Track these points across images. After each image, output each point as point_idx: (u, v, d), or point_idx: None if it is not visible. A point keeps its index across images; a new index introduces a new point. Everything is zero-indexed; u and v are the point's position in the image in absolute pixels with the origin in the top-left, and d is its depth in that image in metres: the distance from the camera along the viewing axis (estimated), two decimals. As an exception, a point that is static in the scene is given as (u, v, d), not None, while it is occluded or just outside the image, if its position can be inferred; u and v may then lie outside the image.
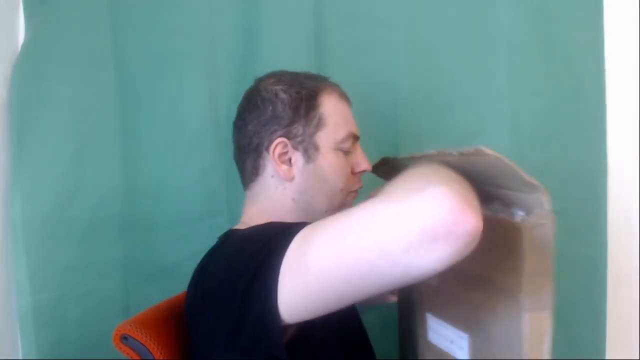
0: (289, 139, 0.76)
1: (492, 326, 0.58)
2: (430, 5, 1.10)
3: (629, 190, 1.18)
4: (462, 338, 0.64)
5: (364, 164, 0.81)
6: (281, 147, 0.76)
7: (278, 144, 0.76)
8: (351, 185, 0.80)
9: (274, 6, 1.03)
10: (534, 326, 0.53)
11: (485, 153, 0.51)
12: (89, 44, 0.94)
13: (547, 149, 1.13)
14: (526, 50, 1.12)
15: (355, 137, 0.81)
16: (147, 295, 0.94)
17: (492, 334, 0.59)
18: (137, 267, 0.98)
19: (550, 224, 0.52)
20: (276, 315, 0.55)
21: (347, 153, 0.79)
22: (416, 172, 0.52)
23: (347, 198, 0.80)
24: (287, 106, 0.76)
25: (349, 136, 0.79)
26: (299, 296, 0.55)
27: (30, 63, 0.90)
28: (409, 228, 0.47)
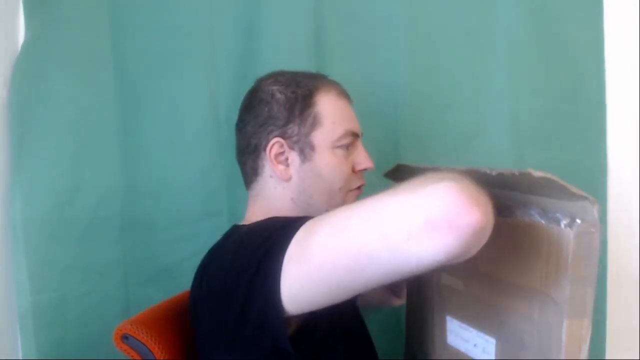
0: (284, 139, 0.76)
1: (525, 331, 0.58)
2: (430, 5, 1.10)
3: (629, 190, 1.18)
4: (488, 342, 0.63)
5: (365, 162, 0.80)
6: (277, 147, 0.76)
7: (274, 144, 0.76)
8: (351, 184, 0.79)
9: (274, 6, 1.03)
10: (573, 332, 0.53)
11: (535, 176, 0.50)
12: (89, 44, 0.94)
13: (547, 149, 1.13)
14: (526, 50, 1.12)
15: (355, 134, 0.80)
16: (147, 295, 0.94)
17: (524, 338, 0.58)
18: (137, 267, 0.98)
19: (598, 233, 0.52)
20: (280, 306, 0.56)
21: (347, 151, 0.78)
22: (430, 175, 0.52)
23: (348, 196, 0.79)
24: (283, 106, 0.76)
25: (347, 134, 0.78)
26: (301, 286, 0.55)
27: (30, 63, 0.90)
28: (411, 217, 0.47)
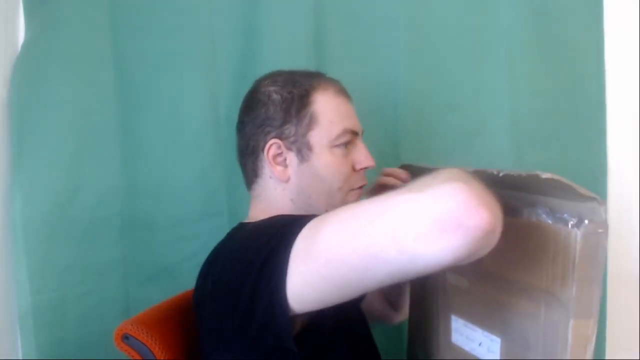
0: (282, 139, 0.76)
1: (530, 330, 0.58)
2: (430, 5, 1.10)
3: (629, 190, 1.18)
4: (493, 341, 0.63)
5: (366, 160, 0.79)
6: (275, 149, 0.76)
7: (272, 146, 0.76)
8: (352, 183, 0.78)
9: (274, 6, 1.03)
10: (579, 333, 0.53)
11: (542, 177, 0.50)
12: (89, 44, 0.94)
13: (547, 149, 1.13)
14: (526, 50, 1.12)
15: (354, 132, 0.78)
16: (147, 295, 0.94)
17: (529, 338, 0.58)
18: (137, 267, 0.98)
19: (606, 233, 0.51)
20: (285, 304, 0.55)
21: (346, 150, 0.78)
22: (438, 174, 0.52)
23: (349, 196, 0.78)
24: (279, 107, 0.76)
25: (345, 132, 0.77)
26: (308, 283, 0.55)
27: (30, 63, 0.90)
28: (419, 217, 0.47)
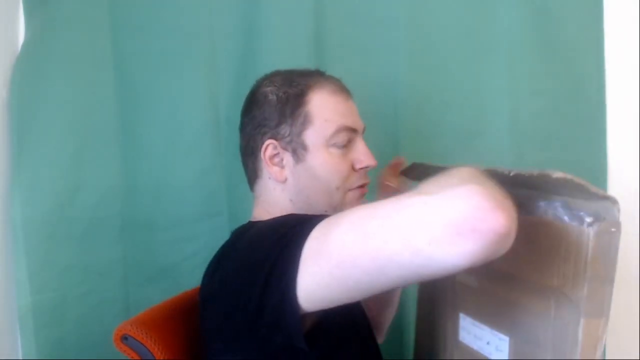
0: (277, 140, 0.75)
1: (539, 330, 0.57)
2: (430, 5, 1.10)
3: (629, 190, 1.18)
4: (501, 340, 0.63)
5: (366, 159, 0.77)
6: (271, 149, 0.76)
7: (268, 146, 0.76)
8: (351, 183, 0.77)
9: (274, 6, 1.03)
10: (589, 332, 0.52)
11: (553, 177, 0.50)
12: (89, 44, 0.94)
13: (547, 149, 1.13)
14: (526, 50, 1.12)
15: (352, 130, 0.77)
16: (147, 295, 0.94)
17: (538, 337, 0.58)
18: (137, 267, 0.98)
19: (619, 232, 0.51)
20: (296, 303, 0.55)
21: (344, 149, 0.76)
22: (452, 174, 0.52)
23: (348, 196, 0.77)
24: (274, 107, 0.76)
25: (340, 130, 0.75)
26: (319, 283, 0.54)
27: (30, 63, 0.90)
28: (434, 220, 0.46)
